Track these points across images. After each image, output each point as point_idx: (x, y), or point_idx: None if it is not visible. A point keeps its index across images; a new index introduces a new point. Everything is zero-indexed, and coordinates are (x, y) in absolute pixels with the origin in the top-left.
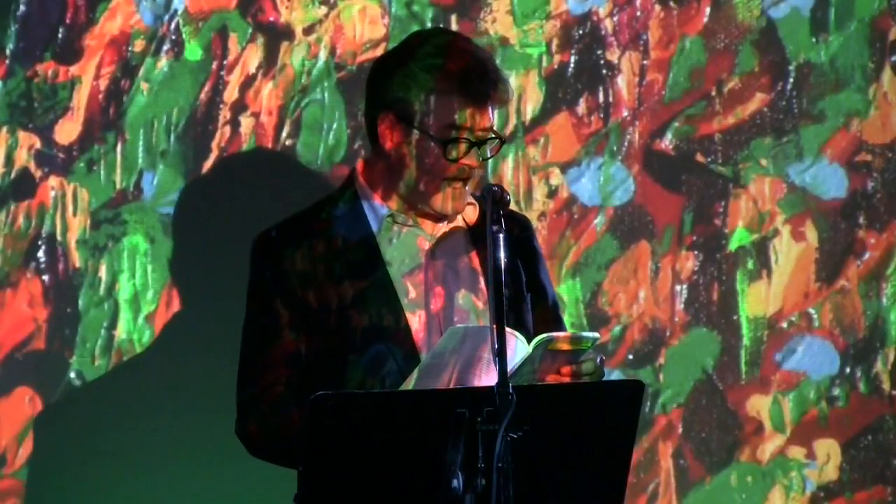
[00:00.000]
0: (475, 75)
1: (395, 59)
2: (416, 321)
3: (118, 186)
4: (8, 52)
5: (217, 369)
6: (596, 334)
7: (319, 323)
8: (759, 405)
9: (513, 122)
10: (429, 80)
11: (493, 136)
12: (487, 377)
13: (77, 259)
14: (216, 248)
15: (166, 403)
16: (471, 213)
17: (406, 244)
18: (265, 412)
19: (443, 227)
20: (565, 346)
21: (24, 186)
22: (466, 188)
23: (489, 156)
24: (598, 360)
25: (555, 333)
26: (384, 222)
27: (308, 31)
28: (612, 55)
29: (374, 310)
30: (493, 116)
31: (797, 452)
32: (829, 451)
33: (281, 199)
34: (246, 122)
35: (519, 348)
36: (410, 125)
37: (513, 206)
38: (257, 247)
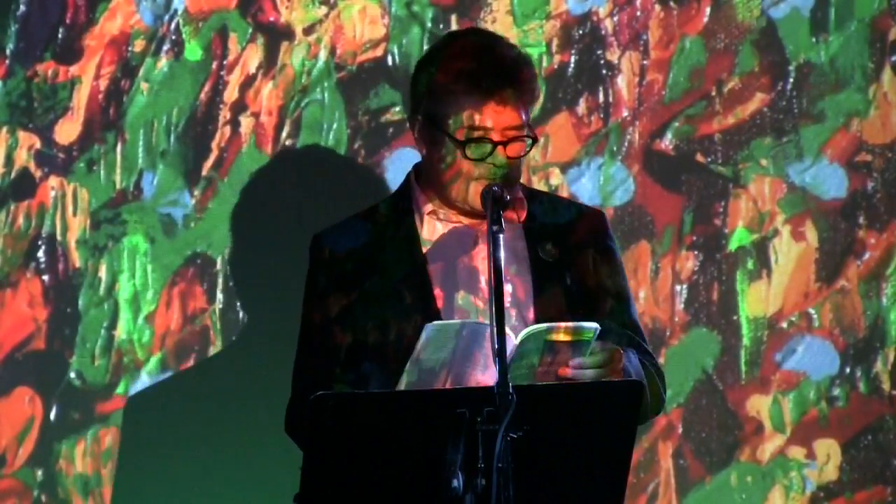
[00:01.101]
0: (490, 74)
1: (422, 63)
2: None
3: (118, 186)
4: (8, 52)
5: (218, 370)
6: (594, 324)
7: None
8: (759, 405)
9: None
10: (447, 83)
11: (523, 134)
12: (483, 377)
13: (77, 259)
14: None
15: (166, 403)
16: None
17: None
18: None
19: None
20: (559, 337)
21: (24, 186)
22: (497, 184)
23: (521, 154)
24: (607, 354)
25: (546, 325)
26: (426, 219)
27: (308, 31)
28: (612, 55)
29: (361, 325)
30: (522, 114)
31: (797, 452)
32: (829, 451)
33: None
34: (246, 122)
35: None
36: (435, 127)
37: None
38: None
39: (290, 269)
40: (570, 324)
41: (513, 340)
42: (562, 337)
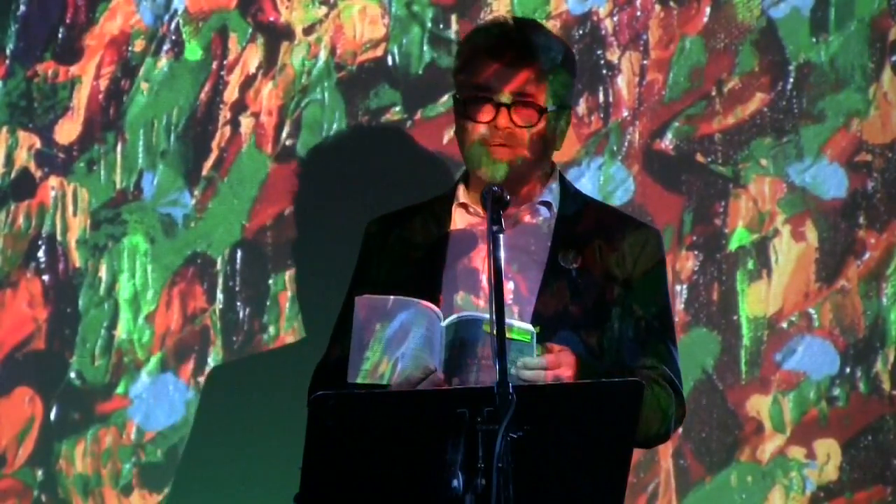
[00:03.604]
0: (497, 36)
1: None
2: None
3: (118, 186)
4: (8, 52)
5: (218, 369)
6: (529, 326)
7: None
8: (759, 405)
9: None
10: (465, 49)
11: (529, 101)
12: (431, 359)
13: (77, 259)
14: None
15: (166, 403)
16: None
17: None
18: (321, 385)
19: (512, 221)
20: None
21: (24, 186)
22: (505, 149)
23: (527, 123)
24: (553, 357)
25: (478, 314)
26: (455, 212)
27: (308, 31)
28: (612, 55)
29: None
30: (533, 82)
31: (797, 452)
32: (829, 451)
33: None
34: (246, 122)
35: (437, 326)
36: (456, 94)
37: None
38: None
39: (289, 269)
40: (507, 321)
41: (439, 323)
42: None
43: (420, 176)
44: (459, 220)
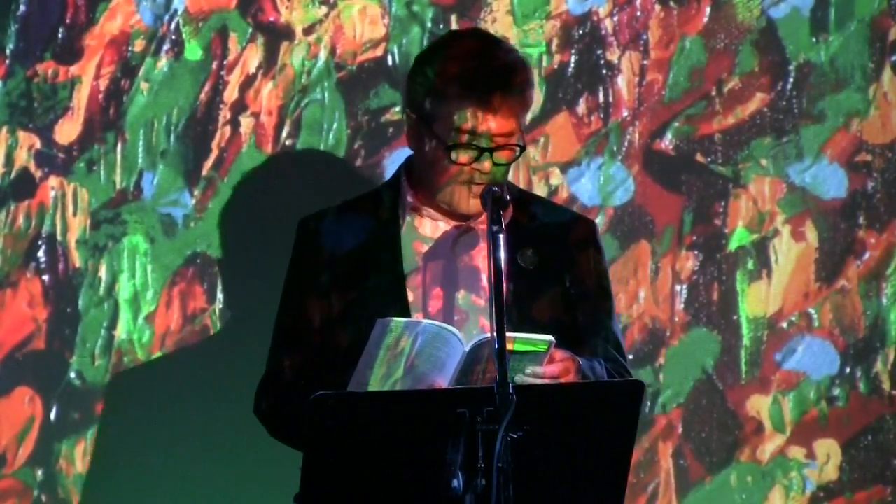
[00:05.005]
0: (480, 79)
1: (420, 60)
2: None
3: (118, 186)
4: (8, 52)
5: (218, 369)
6: (548, 337)
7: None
8: (759, 405)
9: None
10: (437, 84)
11: (512, 143)
12: (440, 379)
13: (77, 259)
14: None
15: (166, 403)
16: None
17: (404, 247)
18: (274, 396)
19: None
20: (510, 347)
21: (24, 186)
22: (484, 186)
23: (508, 161)
24: (562, 365)
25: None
26: (409, 215)
27: (308, 31)
28: (612, 55)
29: (363, 322)
30: (513, 121)
31: (797, 452)
32: (829, 451)
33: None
34: (246, 122)
35: (457, 349)
36: (425, 126)
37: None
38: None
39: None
40: (522, 335)
41: (463, 348)
42: (512, 347)
43: None
44: (415, 223)
